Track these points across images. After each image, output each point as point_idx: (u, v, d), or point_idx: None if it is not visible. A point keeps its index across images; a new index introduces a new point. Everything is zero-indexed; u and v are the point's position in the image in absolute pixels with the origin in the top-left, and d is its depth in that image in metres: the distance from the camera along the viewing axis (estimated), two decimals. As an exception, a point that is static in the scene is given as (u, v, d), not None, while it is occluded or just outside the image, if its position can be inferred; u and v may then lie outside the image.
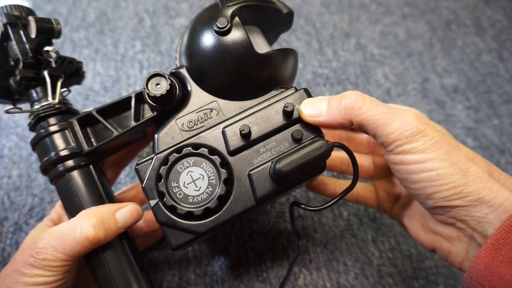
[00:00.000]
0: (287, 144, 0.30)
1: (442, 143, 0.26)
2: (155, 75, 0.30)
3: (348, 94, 0.29)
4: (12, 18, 0.34)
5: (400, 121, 0.27)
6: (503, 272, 0.24)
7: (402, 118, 0.27)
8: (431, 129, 0.27)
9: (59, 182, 0.33)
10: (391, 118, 0.27)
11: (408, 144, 0.27)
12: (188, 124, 0.31)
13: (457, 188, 0.25)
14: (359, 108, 0.28)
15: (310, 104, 0.30)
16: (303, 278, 0.42)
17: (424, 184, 0.27)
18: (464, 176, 0.25)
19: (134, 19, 0.65)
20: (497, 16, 0.68)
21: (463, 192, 0.25)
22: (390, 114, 0.27)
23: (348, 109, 0.28)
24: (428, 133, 0.26)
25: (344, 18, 0.66)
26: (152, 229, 0.39)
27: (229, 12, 0.30)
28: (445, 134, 0.28)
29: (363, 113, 0.28)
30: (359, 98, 0.28)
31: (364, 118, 0.28)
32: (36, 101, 0.35)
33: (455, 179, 0.25)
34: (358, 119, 0.28)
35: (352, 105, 0.28)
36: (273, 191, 0.30)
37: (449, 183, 0.25)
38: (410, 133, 0.26)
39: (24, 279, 0.28)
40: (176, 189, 0.29)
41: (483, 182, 0.25)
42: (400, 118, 0.27)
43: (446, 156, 0.26)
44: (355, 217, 0.47)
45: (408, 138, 0.26)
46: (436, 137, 0.26)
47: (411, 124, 0.27)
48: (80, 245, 0.28)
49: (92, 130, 0.35)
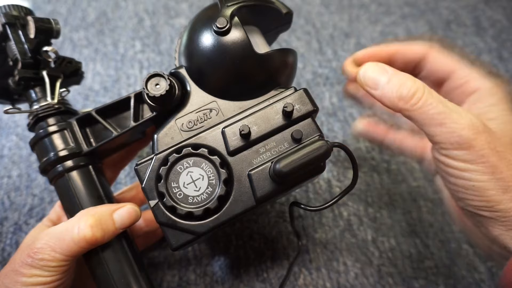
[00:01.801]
0: (287, 144, 0.30)
1: (490, 157, 0.25)
2: (155, 75, 0.30)
3: (408, 84, 0.27)
4: (11, 18, 0.34)
5: (450, 125, 0.25)
6: None
7: (453, 123, 0.25)
8: (482, 139, 0.25)
9: (58, 182, 0.33)
10: (443, 119, 0.26)
11: (452, 150, 0.26)
12: (187, 124, 0.31)
13: (489, 202, 0.25)
14: (414, 104, 0.27)
15: (374, 70, 0.29)
16: (303, 278, 0.42)
17: (459, 189, 0.26)
18: (503, 193, 0.25)
19: (134, 19, 0.65)
20: (497, 16, 0.68)
21: (494, 208, 0.25)
22: (443, 115, 0.26)
23: (401, 101, 0.27)
24: (476, 144, 0.25)
25: (344, 18, 0.66)
26: (151, 229, 0.39)
27: (229, 12, 0.30)
28: (501, 144, 0.26)
29: (415, 110, 0.27)
30: (417, 94, 0.27)
31: (414, 114, 0.27)
32: (35, 101, 0.35)
33: (490, 194, 0.25)
34: (407, 113, 0.27)
35: (407, 100, 0.27)
36: (273, 191, 0.29)
37: (483, 196, 0.25)
38: (457, 141, 0.25)
39: (22, 279, 0.28)
40: (176, 189, 0.29)
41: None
42: (451, 122, 0.25)
43: (489, 170, 0.25)
44: (355, 217, 0.46)
45: (454, 145, 0.25)
46: (485, 150, 0.25)
47: (461, 132, 0.25)
48: (78, 245, 0.28)
49: (91, 130, 0.35)
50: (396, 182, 0.49)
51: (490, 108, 0.28)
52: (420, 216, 0.47)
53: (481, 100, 0.28)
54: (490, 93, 0.28)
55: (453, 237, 0.45)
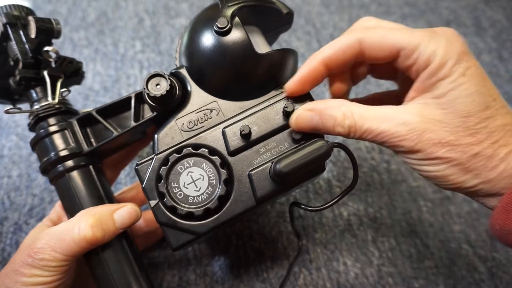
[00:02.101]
0: (287, 144, 0.30)
1: (438, 152, 0.25)
2: (155, 75, 0.30)
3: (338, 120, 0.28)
4: (12, 18, 0.34)
5: (390, 141, 0.26)
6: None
7: (393, 137, 0.26)
8: (424, 140, 0.26)
9: (58, 182, 0.33)
10: (382, 138, 0.26)
11: (403, 155, 0.27)
12: (188, 125, 0.31)
13: (454, 184, 0.26)
14: (353, 134, 0.28)
15: (303, 119, 0.29)
16: (303, 278, 0.42)
17: (425, 176, 0.28)
18: (464, 174, 0.26)
19: (134, 19, 0.65)
20: (497, 16, 0.68)
21: (461, 187, 0.26)
22: (382, 134, 0.26)
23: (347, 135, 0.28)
24: (421, 148, 0.26)
25: (344, 18, 0.66)
26: (152, 229, 0.39)
27: (229, 12, 0.30)
28: (450, 131, 0.26)
29: (358, 137, 0.28)
30: (348, 124, 0.27)
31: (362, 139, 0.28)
32: (36, 101, 0.35)
33: (452, 179, 0.26)
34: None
35: (347, 134, 0.28)
36: (273, 191, 0.30)
37: (447, 181, 0.27)
38: (402, 150, 0.27)
39: (22, 279, 0.28)
40: (176, 189, 0.29)
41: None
42: (390, 137, 0.26)
43: (443, 162, 0.26)
44: (355, 217, 0.47)
45: (403, 153, 0.27)
46: (430, 148, 0.25)
47: (401, 143, 0.26)
48: (78, 245, 0.28)
49: (92, 130, 0.35)
50: (396, 182, 0.49)
51: (441, 84, 0.26)
52: (420, 216, 0.47)
53: (430, 78, 0.26)
54: (439, 65, 0.25)
55: (453, 237, 0.45)
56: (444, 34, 0.26)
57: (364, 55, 0.28)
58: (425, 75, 0.26)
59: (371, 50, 0.27)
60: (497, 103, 0.26)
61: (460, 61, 0.25)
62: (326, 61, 0.29)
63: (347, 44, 0.28)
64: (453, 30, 0.27)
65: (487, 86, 0.26)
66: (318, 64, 0.29)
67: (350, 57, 0.28)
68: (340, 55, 0.28)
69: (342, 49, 0.28)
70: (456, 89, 0.25)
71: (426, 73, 0.26)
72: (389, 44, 0.27)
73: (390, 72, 0.33)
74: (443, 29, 0.27)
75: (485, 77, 0.26)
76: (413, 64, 0.26)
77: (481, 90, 0.25)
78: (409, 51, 0.26)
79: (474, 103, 0.25)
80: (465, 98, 0.25)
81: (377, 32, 0.27)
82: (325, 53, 0.28)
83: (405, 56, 0.26)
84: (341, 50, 0.28)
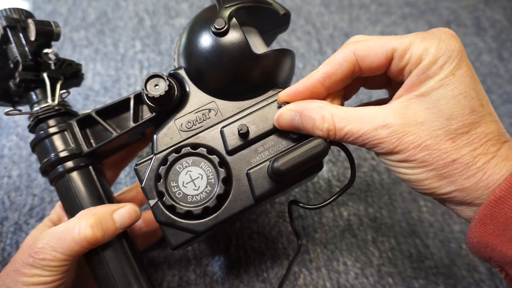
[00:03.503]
0: (285, 143, 0.30)
1: (417, 155, 0.25)
2: (154, 76, 0.31)
3: (317, 123, 0.28)
4: (12, 21, 0.34)
5: (371, 143, 0.26)
6: (495, 243, 0.24)
7: (374, 139, 0.26)
8: (405, 142, 0.25)
9: (58, 183, 0.33)
10: (363, 140, 0.26)
11: (383, 156, 0.27)
12: (186, 125, 0.31)
13: (428, 190, 0.26)
14: (334, 136, 0.28)
15: (284, 118, 0.29)
16: (303, 278, 0.42)
17: (401, 178, 0.28)
18: (438, 180, 0.25)
19: (134, 19, 0.65)
20: (497, 16, 0.68)
21: (435, 193, 0.26)
22: (363, 136, 0.26)
23: (327, 136, 0.28)
24: (400, 149, 0.25)
25: (344, 18, 0.66)
26: (151, 229, 0.40)
27: (227, 13, 0.30)
28: (431, 135, 0.25)
29: (339, 139, 0.28)
30: (327, 126, 0.27)
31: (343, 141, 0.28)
32: (36, 103, 0.35)
33: (427, 183, 0.26)
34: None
35: (327, 135, 0.28)
36: (272, 190, 0.30)
37: (421, 185, 0.26)
38: (382, 152, 0.27)
39: (23, 279, 0.28)
40: (175, 188, 0.29)
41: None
42: (371, 139, 0.26)
43: (420, 165, 0.25)
44: (355, 217, 0.47)
45: (383, 154, 0.27)
46: (410, 150, 0.25)
47: (383, 146, 0.26)
48: (79, 244, 0.29)
49: (91, 131, 0.35)
50: (396, 182, 0.49)
51: (428, 82, 0.25)
52: (420, 216, 0.47)
53: (420, 75, 0.25)
54: (430, 62, 0.25)
55: (453, 237, 0.45)
56: (438, 34, 0.26)
57: (360, 67, 0.28)
58: (415, 72, 0.25)
59: (366, 58, 0.27)
60: (484, 110, 0.25)
61: (451, 60, 0.24)
62: (324, 78, 0.28)
63: (343, 58, 0.27)
64: (450, 30, 0.26)
65: (477, 90, 0.25)
66: (315, 82, 0.28)
67: (347, 72, 0.28)
68: (336, 69, 0.28)
69: (338, 63, 0.28)
70: (442, 88, 0.24)
71: (416, 70, 0.25)
72: (382, 48, 0.26)
73: (383, 80, 0.32)
74: (438, 29, 0.26)
75: (476, 80, 0.25)
76: (406, 65, 0.26)
77: (468, 92, 0.24)
78: (402, 51, 0.26)
79: (458, 105, 0.24)
80: (450, 99, 0.24)
81: (370, 40, 0.27)
82: (321, 71, 0.28)
83: (398, 58, 0.26)
84: (337, 64, 0.28)
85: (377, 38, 0.27)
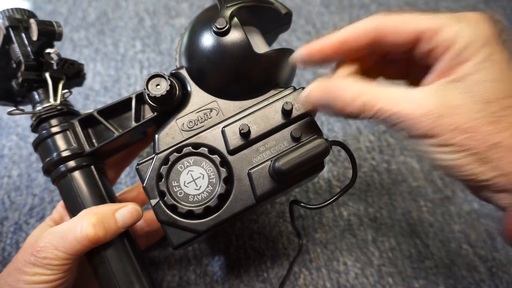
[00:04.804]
0: (286, 143, 0.30)
1: (456, 138, 0.23)
2: (155, 75, 0.31)
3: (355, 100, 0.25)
4: (14, 21, 0.34)
5: (405, 124, 0.24)
6: None
7: (409, 120, 0.24)
8: (442, 124, 0.23)
9: (61, 182, 0.33)
10: (397, 120, 0.24)
11: (417, 139, 0.25)
12: (188, 124, 0.32)
13: (469, 176, 0.24)
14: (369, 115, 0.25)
15: (317, 94, 0.27)
16: (303, 278, 0.42)
17: (438, 165, 0.26)
18: (480, 165, 0.23)
19: (135, 19, 0.65)
20: (497, 16, 0.68)
21: (476, 179, 0.24)
22: (396, 115, 0.24)
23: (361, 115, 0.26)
24: (437, 132, 0.24)
25: (344, 18, 0.66)
26: (153, 228, 0.40)
27: (228, 12, 0.30)
28: (469, 118, 0.23)
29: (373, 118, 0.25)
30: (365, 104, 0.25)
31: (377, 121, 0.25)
32: (38, 103, 0.35)
33: (467, 169, 0.24)
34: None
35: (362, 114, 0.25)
36: (273, 190, 0.30)
37: (460, 171, 0.24)
38: (416, 134, 0.24)
39: (25, 278, 0.28)
40: (177, 188, 0.29)
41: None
42: (406, 120, 0.24)
43: (459, 149, 0.23)
44: (355, 217, 0.47)
45: (417, 137, 0.25)
46: (447, 134, 0.23)
47: (418, 126, 0.24)
48: (80, 243, 0.29)
49: (93, 131, 0.35)
50: (396, 182, 0.49)
51: (463, 67, 0.24)
52: (420, 216, 0.47)
53: (452, 60, 0.25)
54: (463, 47, 0.24)
55: (453, 237, 0.45)
56: (472, 17, 0.24)
57: (381, 42, 0.26)
58: (446, 57, 0.24)
59: (391, 35, 0.26)
60: None
61: (486, 44, 0.23)
62: (342, 41, 0.27)
63: (365, 27, 0.26)
64: (484, 14, 0.25)
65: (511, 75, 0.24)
66: (334, 40, 0.27)
67: (367, 40, 0.26)
68: (356, 37, 0.26)
69: (359, 30, 0.26)
70: (478, 73, 0.23)
71: (448, 55, 0.24)
72: (410, 27, 0.25)
73: (403, 68, 0.31)
74: (472, 13, 0.25)
75: (511, 66, 0.24)
76: (434, 48, 0.24)
77: (505, 78, 0.23)
78: (432, 32, 0.24)
79: (496, 90, 0.23)
80: (488, 83, 0.23)
81: (397, 17, 0.26)
82: (341, 33, 0.27)
83: (427, 40, 0.24)
84: (357, 32, 0.26)
85: (405, 15, 0.26)
